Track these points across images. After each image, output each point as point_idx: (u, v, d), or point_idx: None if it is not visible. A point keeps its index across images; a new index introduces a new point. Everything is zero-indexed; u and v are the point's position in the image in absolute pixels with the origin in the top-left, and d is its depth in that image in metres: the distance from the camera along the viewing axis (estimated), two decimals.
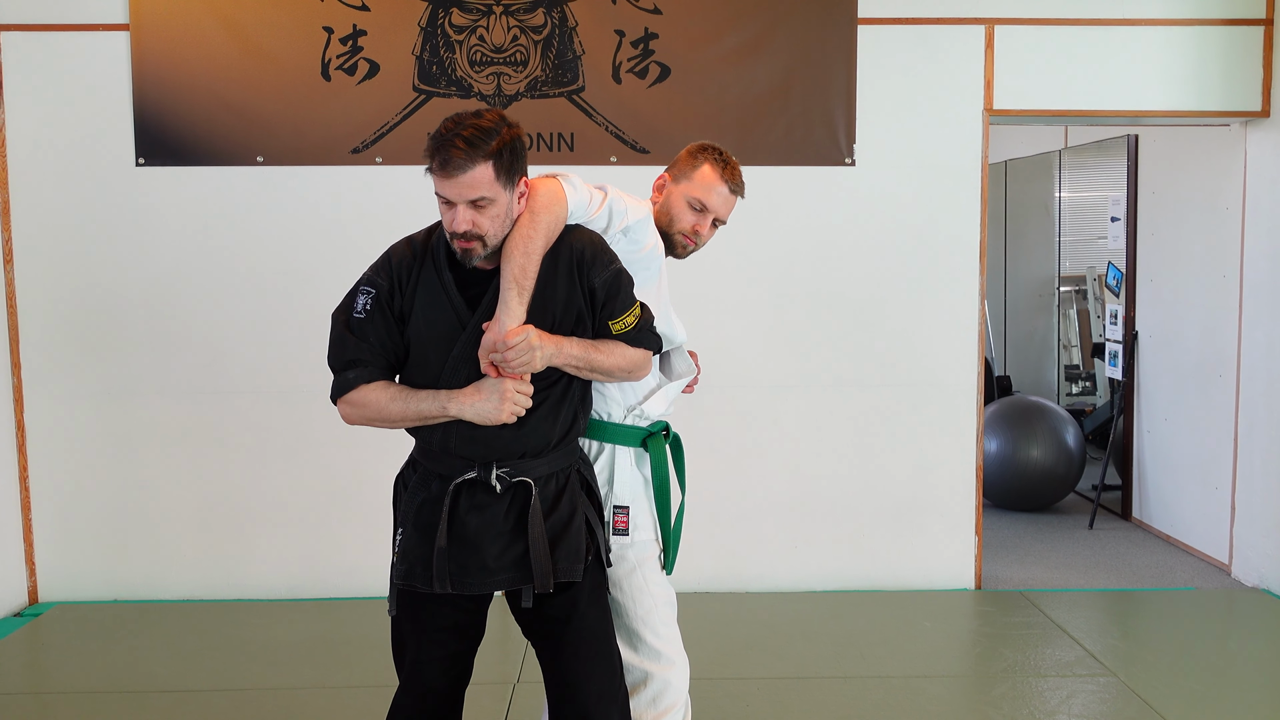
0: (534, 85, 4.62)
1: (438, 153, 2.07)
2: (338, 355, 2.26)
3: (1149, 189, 5.92)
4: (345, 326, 2.25)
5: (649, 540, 2.54)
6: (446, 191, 2.08)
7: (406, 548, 2.24)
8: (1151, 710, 3.58)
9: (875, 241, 4.78)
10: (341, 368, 2.25)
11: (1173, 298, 5.70)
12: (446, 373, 2.20)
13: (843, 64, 4.67)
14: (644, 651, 2.49)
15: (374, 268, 2.26)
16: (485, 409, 2.15)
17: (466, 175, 2.05)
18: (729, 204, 2.58)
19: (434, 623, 2.30)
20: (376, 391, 2.21)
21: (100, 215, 4.63)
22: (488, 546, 2.20)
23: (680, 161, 2.60)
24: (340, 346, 2.25)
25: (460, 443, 2.21)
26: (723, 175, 2.55)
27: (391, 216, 4.65)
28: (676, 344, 2.60)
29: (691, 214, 2.55)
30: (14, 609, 4.64)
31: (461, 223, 2.08)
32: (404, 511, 2.28)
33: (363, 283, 2.24)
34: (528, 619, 2.32)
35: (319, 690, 3.78)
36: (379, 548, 4.78)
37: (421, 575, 2.23)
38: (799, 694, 3.74)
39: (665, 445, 2.59)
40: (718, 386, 4.75)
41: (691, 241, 2.58)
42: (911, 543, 4.88)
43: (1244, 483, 5.04)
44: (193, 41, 4.54)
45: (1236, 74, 4.76)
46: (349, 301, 2.26)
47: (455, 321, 2.19)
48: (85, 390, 4.68)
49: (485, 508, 2.21)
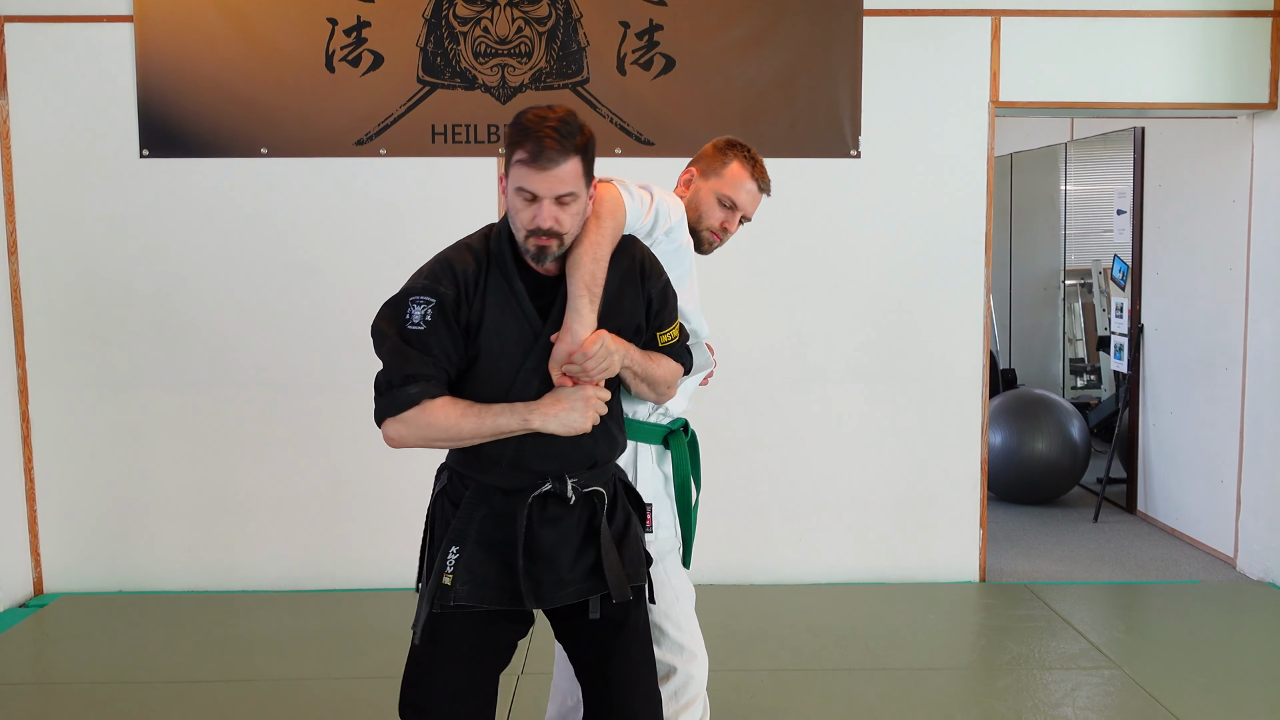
0: (538, 77, 4.61)
1: (528, 143, 1.98)
2: (396, 369, 2.05)
3: (1155, 182, 5.91)
4: (401, 339, 2.05)
5: (670, 536, 2.55)
6: (535, 185, 1.99)
7: (470, 566, 2.10)
8: (1156, 703, 3.57)
9: (880, 234, 4.77)
10: (400, 383, 2.05)
11: (1179, 291, 5.68)
12: (518, 385, 2.10)
13: (848, 56, 4.66)
14: (667, 646, 2.50)
15: (430, 275, 2.08)
16: (571, 419, 2.07)
17: (559, 169, 1.98)
18: (757, 201, 2.61)
19: (481, 646, 2.18)
20: (444, 408, 2.05)
21: (104, 207, 4.63)
22: (561, 559, 2.14)
23: (708, 157, 2.60)
24: (399, 360, 2.05)
25: (533, 456, 2.11)
26: (753, 173, 2.57)
27: (396, 208, 4.66)
28: (701, 339, 2.60)
29: (721, 211, 2.56)
30: (19, 600, 4.65)
31: (547, 218, 2.00)
32: (457, 529, 2.12)
33: (417, 291, 2.06)
34: (578, 627, 2.24)
35: (323, 681, 3.78)
36: (383, 540, 4.81)
37: (491, 593, 2.11)
38: (804, 685, 3.74)
39: (685, 443, 2.59)
40: (723, 379, 4.72)
41: (719, 238, 2.60)
42: (916, 535, 4.88)
43: (1249, 476, 5.03)
44: (197, 33, 4.54)
45: (1244, 66, 4.74)
46: (399, 312, 2.07)
47: (528, 332, 2.10)
48: (90, 382, 4.69)
49: (559, 520, 2.14)
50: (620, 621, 2.22)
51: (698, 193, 2.57)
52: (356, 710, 3.54)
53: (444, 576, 2.09)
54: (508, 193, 2.06)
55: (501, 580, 2.11)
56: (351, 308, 4.68)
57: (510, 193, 2.04)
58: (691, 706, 2.51)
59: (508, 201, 2.06)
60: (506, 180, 2.06)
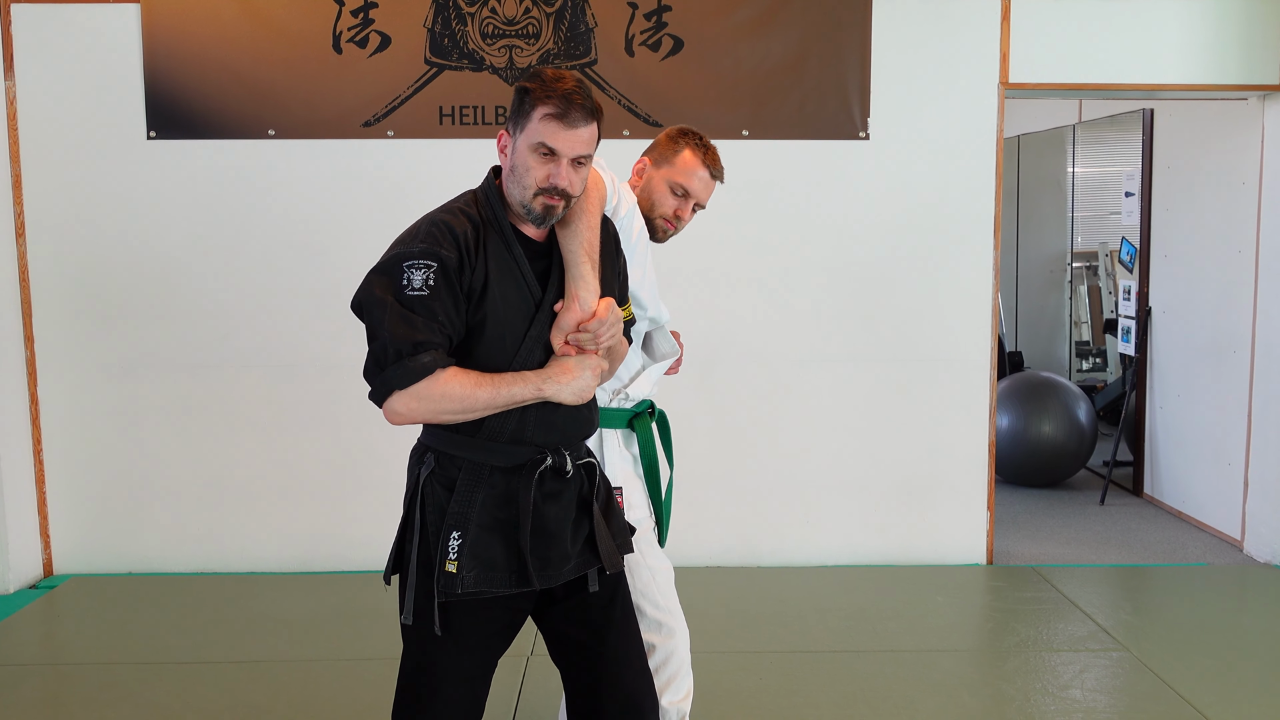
0: (546, 58, 4.59)
1: (555, 100, 1.96)
2: (403, 338, 1.92)
3: (1164, 164, 5.88)
4: (404, 305, 1.94)
5: (643, 518, 2.56)
6: (560, 143, 1.96)
7: (476, 551, 2.03)
8: (1164, 684, 3.58)
9: (889, 216, 4.75)
10: (410, 352, 1.93)
11: (1187, 273, 5.67)
12: (523, 353, 2.04)
13: (857, 37, 4.63)
14: (645, 624, 2.51)
15: (427, 238, 1.99)
16: (580, 386, 2.04)
17: (584, 130, 1.98)
18: (709, 189, 2.61)
19: (489, 631, 2.11)
20: (457, 379, 1.95)
21: (111, 189, 4.62)
22: (564, 534, 2.11)
23: (660, 145, 2.62)
24: (404, 327, 1.93)
25: (537, 429, 2.06)
26: (704, 160, 2.58)
27: (403, 190, 4.65)
28: (661, 325, 2.61)
29: (673, 199, 2.58)
30: (29, 581, 4.67)
31: (564, 177, 1.98)
32: (457, 513, 2.04)
33: (415, 256, 1.96)
34: (569, 607, 2.19)
35: (332, 662, 3.80)
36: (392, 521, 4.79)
37: (500, 577, 2.04)
38: (811, 668, 3.75)
39: (651, 424, 2.60)
40: (730, 361, 4.75)
41: (672, 226, 2.62)
42: (923, 518, 4.88)
43: (1257, 458, 5.03)
44: (203, 14, 4.52)
45: (1254, 47, 4.71)
46: (394, 279, 1.96)
47: (528, 299, 2.05)
48: (98, 364, 4.69)
49: (558, 495, 2.10)
50: (610, 597, 2.21)
51: (650, 181, 2.60)
52: (364, 691, 3.55)
53: (447, 564, 2.01)
54: (517, 150, 2.01)
55: (509, 563, 2.05)
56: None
57: (522, 150, 2.00)
58: (675, 682, 2.52)
59: (514, 159, 2.02)
60: (514, 137, 2.02)
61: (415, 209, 4.73)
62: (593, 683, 2.19)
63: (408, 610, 2.06)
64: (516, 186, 2.03)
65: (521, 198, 2.02)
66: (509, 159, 2.04)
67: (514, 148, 2.03)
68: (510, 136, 2.05)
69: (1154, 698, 3.50)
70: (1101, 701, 3.48)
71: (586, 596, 2.17)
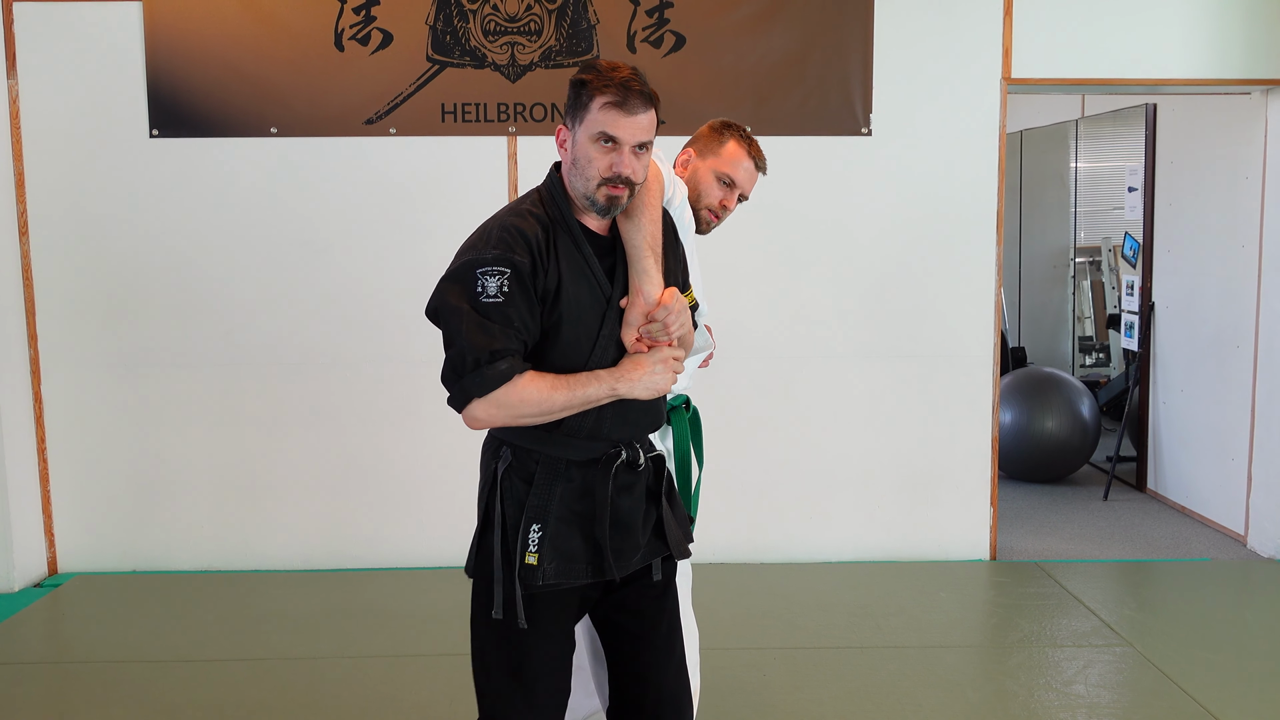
0: (548, 55, 4.59)
1: (613, 89, 1.97)
2: (480, 346, 1.94)
3: (1167, 158, 5.87)
4: (479, 313, 1.96)
5: None
6: (621, 129, 1.97)
7: (556, 543, 2.05)
8: (1168, 680, 3.58)
9: (892, 212, 4.75)
10: (487, 360, 1.95)
11: (1190, 268, 5.66)
12: (597, 352, 2.06)
13: (859, 32, 4.63)
14: None
15: (500, 244, 1.98)
16: (654, 381, 2.06)
17: (644, 116, 1.99)
18: (754, 179, 2.67)
19: (567, 620, 2.15)
20: (534, 383, 1.98)
21: (114, 187, 4.62)
22: (637, 525, 2.13)
23: (704, 137, 2.67)
24: (482, 335, 1.95)
25: (614, 424, 2.08)
26: (749, 151, 2.64)
27: (406, 187, 4.65)
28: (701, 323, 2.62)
29: (720, 189, 2.63)
30: (34, 580, 4.68)
31: (628, 165, 1.99)
32: (536, 506, 2.05)
33: (489, 263, 1.96)
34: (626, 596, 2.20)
35: (338, 660, 3.80)
36: (396, 518, 4.82)
37: (579, 568, 2.07)
38: (816, 663, 3.75)
39: (686, 419, 2.61)
40: (734, 358, 4.74)
41: (716, 217, 2.68)
42: (927, 514, 4.88)
43: (1261, 454, 5.03)
44: (205, 12, 4.52)
45: (1257, 41, 4.71)
46: (468, 286, 1.97)
47: (599, 296, 2.06)
48: (102, 362, 4.70)
49: (631, 487, 2.12)
50: (665, 588, 2.24)
51: (696, 172, 2.65)
52: (371, 689, 3.56)
53: (528, 556, 2.03)
54: (578, 142, 2.02)
55: (586, 554, 2.08)
56: (362, 286, 4.69)
57: (583, 141, 2.00)
58: None
59: (575, 152, 2.02)
60: (574, 131, 2.03)
61: (417, 206, 4.75)
62: (639, 671, 2.23)
63: (498, 604, 2.05)
64: (580, 179, 2.03)
65: (585, 189, 2.03)
66: (569, 153, 2.04)
67: (574, 140, 2.03)
68: (569, 130, 2.05)
69: (1158, 693, 3.50)
70: (1105, 697, 3.48)
71: (642, 586, 2.20)
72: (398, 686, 3.56)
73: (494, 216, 2.07)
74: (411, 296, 4.65)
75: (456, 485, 4.69)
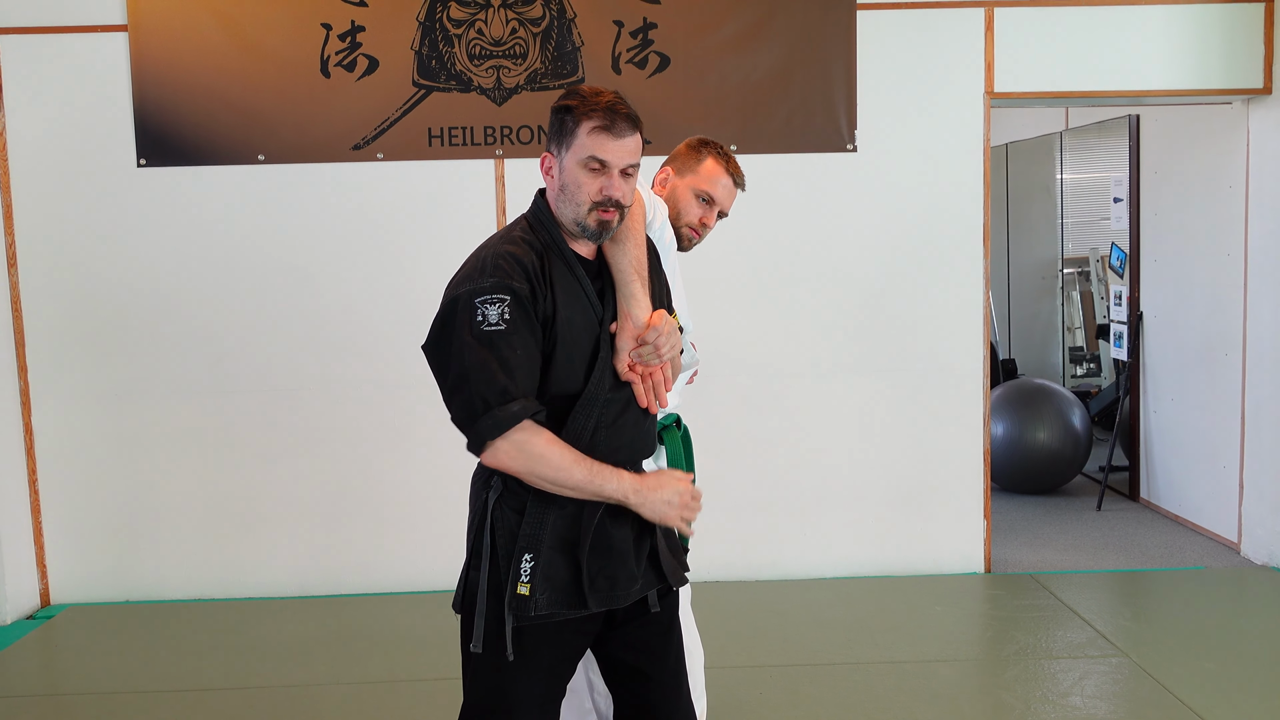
0: (534, 78, 4.61)
1: (600, 114, 1.98)
2: (488, 385, 1.90)
3: (1151, 169, 5.91)
4: (483, 344, 1.91)
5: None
6: (611, 154, 1.98)
7: (549, 573, 2.00)
8: (1164, 690, 3.58)
9: (878, 228, 4.77)
10: (499, 402, 1.91)
11: (1177, 277, 5.69)
12: (594, 380, 2.03)
13: (842, 50, 4.66)
14: None
15: (497, 271, 1.95)
16: (667, 511, 2.07)
17: (631, 139, 2.01)
18: (733, 196, 2.69)
19: (560, 654, 2.09)
20: (558, 446, 1.96)
21: (103, 217, 4.63)
22: (628, 552, 2.10)
23: (682, 155, 2.69)
24: (490, 376, 1.91)
25: (605, 451, 2.04)
26: (727, 168, 2.65)
27: (394, 212, 4.66)
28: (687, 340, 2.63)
29: (699, 206, 2.64)
30: (27, 612, 4.66)
31: (617, 188, 2.00)
32: (529, 535, 2.00)
33: (488, 290, 1.93)
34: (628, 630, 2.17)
35: (332, 687, 3.79)
36: (389, 544, 4.81)
37: (573, 599, 2.02)
38: (812, 680, 3.75)
39: (679, 437, 2.61)
40: (723, 375, 4.75)
41: (697, 234, 2.68)
42: (920, 528, 4.88)
43: (1252, 461, 5.04)
44: (191, 41, 4.54)
45: (1238, 51, 4.75)
46: (469, 316, 1.93)
47: (593, 320, 2.05)
48: (92, 392, 4.69)
49: (621, 515, 2.08)
50: (669, 623, 2.21)
51: (675, 190, 2.66)
52: (367, 715, 3.54)
53: (520, 586, 1.98)
54: (565, 169, 2.01)
55: (580, 584, 2.03)
56: (351, 312, 4.69)
57: (571, 166, 2.00)
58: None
59: (564, 178, 2.02)
60: (560, 157, 2.03)
61: (406, 231, 4.76)
62: (645, 706, 2.20)
63: (477, 637, 2.02)
64: (569, 205, 2.03)
65: (575, 215, 2.02)
66: (557, 179, 2.04)
67: (561, 166, 2.03)
68: (555, 157, 2.05)
69: (1154, 703, 3.50)
70: (1102, 708, 3.48)
71: (647, 622, 2.17)
72: (393, 712, 3.55)
73: (484, 246, 2.05)
74: (401, 321, 4.66)
75: (448, 509, 4.68)
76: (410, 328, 4.67)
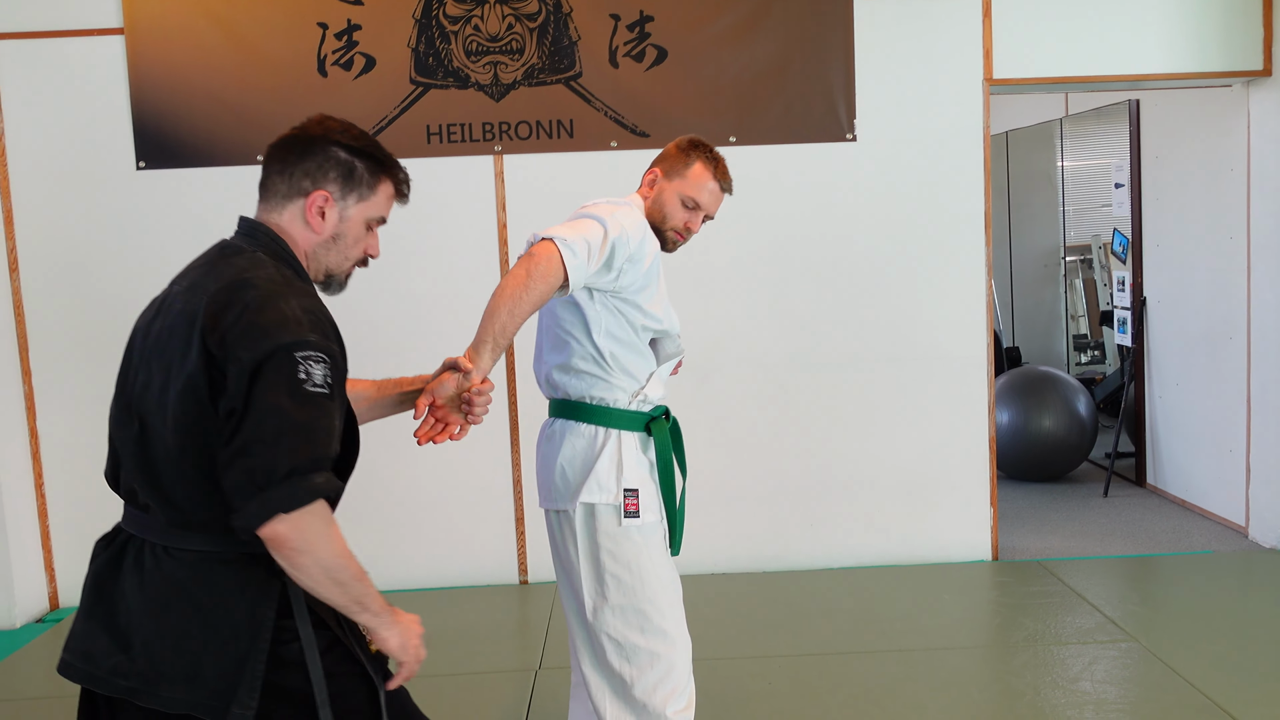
0: (531, 73, 4.61)
1: (407, 183, 2.08)
2: (304, 449, 1.63)
3: (1152, 153, 5.90)
4: (300, 403, 1.63)
5: (656, 522, 2.56)
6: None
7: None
8: (1174, 673, 3.57)
9: (879, 217, 4.76)
10: (305, 469, 1.63)
11: (1180, 262, 5.68)
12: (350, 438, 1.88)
13: (840, 39, 4.65)
14: (651, 632, 2.49)
15: (315, 328, 1.72)
16: (404, 654, 1.82)
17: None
18: (719, 201, 2.66)
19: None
20: (337, 532, 1.73)
21: (103, 220, 4.63)
22: None
23: (670, 157, 2.65)
24: (304, 436, 1.64)
25: None
26: (715, 174, 2.62)
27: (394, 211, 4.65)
28: (673, 334, 2.65)
29: (684, 211, 2.61)
30: (35, 615, 4.66)
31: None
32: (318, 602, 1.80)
33: (312, 347, 1.68)
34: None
35: None
36: (391, 541, 4.81)
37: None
38: (821, 670, 3.74)
39: (667, 428, 2.62)
40: (726, 368, 4.75)
41: (682, 237, 2.66)
42: (927, 517, 4.88)
43: (1258, 444, 5.03)
44: (188, 44, 4.53)
45: (1237, 34, 4.73)
46: (289, 368, 1.64)
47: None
48: (96, 395, 4.68)
49: None
50: None
51: (661, 193, 2.63)
52: None
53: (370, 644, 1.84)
54: (348, 219, 1.95)
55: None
56: (351, 311, 4.68)
57: (356, 220, 1.97)
58: (677, 694, 2.51)
59: (342, 228, 1.95)
60: (343, 206, 1.94)
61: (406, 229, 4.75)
62: None
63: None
64: (334, 255, 2.00)
65: (334, 266, 2.00)
66: (330, 226, 1.96)
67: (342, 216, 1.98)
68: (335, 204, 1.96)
69: (1164, 687, 3.49)
70: (1112, 693, 3.47)
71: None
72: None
73: (271, 284, 1.77)
74: (401, 319, 4.65)
75: (453, 505, 4.69)
76: (410, 325, 4.67)
